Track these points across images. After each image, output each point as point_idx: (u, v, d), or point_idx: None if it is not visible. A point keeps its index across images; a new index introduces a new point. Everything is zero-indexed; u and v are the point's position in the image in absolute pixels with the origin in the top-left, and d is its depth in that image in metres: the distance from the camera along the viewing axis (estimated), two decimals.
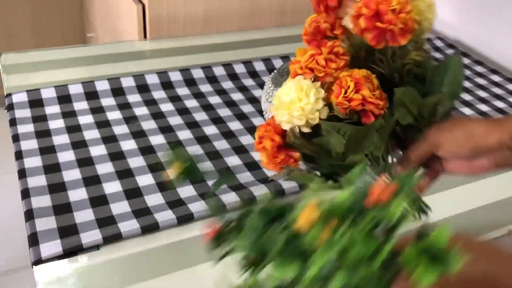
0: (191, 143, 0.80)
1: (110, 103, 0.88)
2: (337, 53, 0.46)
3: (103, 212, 0.65)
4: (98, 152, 0.76)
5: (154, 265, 0.60)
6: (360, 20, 0.44)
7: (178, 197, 0.69)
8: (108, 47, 1.09)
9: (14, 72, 0.95)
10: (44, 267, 0.58)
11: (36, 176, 0.70)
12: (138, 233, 0.63)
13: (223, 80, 0.99)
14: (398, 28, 0.43)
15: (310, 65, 0.46)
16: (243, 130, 0.85)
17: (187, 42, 1.14)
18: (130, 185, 0.70)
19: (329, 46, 0.46)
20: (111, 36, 1.56)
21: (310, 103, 0.44)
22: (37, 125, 0.80)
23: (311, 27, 0.48)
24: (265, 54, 1.11)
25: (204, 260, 0.61)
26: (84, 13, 2.08)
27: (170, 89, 0.94)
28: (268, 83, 0.80)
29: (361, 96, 0.44)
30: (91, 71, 0.97)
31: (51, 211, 0.65)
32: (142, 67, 1.01)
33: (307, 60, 0.46)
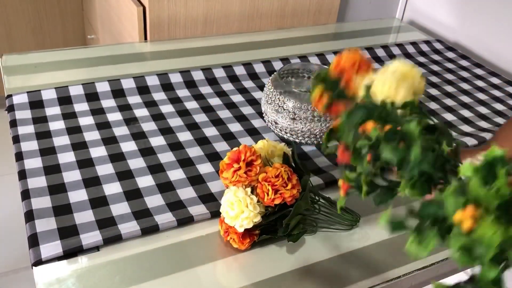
0: (191, 145, 0.80)
1: (110, 104, 0.88)
2: (252, 162, 0.60)
3: (103, 213, 0.66)
4: (98, 153, 0.76)
5: (154, 266, 0.60)
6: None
7: (178, 198, 0.69)
8: (108, 48, 1.09)
9: (14, 73, 0.95)
10: (44, 268, 0.58)
11: (37, 177, 0.70)
12: (138, 234, 0.63)
13: (223, 82, 1.00)
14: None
15: (236, 179, 0.59)
16: (243, 132, 0.85)
17: (188, 44, 1.14)
18: (130, 187, 0.70)
19: (244, 159, 0.59)
20: (111, 38, 1.56)
21: (251, 212, 0.58)
22: (37, 126, 0.80)
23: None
24: (265, 56, 1.11)
25: (204, 262, 0.61)
26: (85, 15, 2.08)
27: (171, 91, 0.94)
28: (268, 85, 0.80)
29: (280, 195, 0.59)
30: (92, 73, 0.98)
31: (51, 212, 0.65)
32: (143, 68, 1.01)
33: (232, 176, 0.59)
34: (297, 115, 0.76)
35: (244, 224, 0.59)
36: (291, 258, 0.63)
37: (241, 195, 0.59)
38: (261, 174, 0.59)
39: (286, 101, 0.76)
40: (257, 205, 0.60)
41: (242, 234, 0.61)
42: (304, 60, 1.10)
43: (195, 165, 0.76)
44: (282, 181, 0.59)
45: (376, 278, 0.62)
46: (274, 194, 0.58)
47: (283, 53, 1.14)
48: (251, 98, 0.95)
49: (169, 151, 0.78)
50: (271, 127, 0.81)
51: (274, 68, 1.05)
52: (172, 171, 0.74)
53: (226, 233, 0.62)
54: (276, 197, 0.59)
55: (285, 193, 0.59)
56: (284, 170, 0.60)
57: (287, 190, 0.59)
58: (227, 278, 0.60)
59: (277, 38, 1.22)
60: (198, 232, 0.65)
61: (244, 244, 0.61)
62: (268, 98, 0.79)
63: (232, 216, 0.59)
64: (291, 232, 0.62)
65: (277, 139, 0.84)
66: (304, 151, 0.82)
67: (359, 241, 0.66)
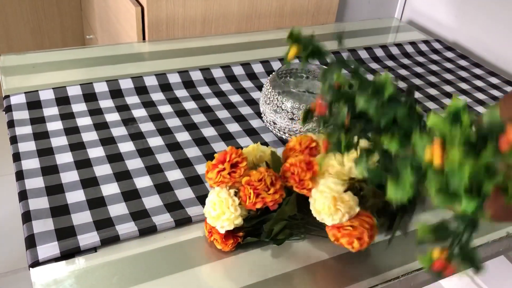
0: (190, 145, 0.80)
1: (108, 105, 0.88)
2: (237, 164, 0.59)
3: (101, 214, 0.65)
4: (96, 154, 0.76)
5: (151, 267, 0.60)
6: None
7: (176, 199, 0.69)
8: (106, 49, 1.09)
9: (12, 73, 0.95)
10: (41, 269, 0.58)
11: (34, 178, 0.70)
12: (136, 235, 0.63)
13: (221, 82, 0.99)
14: None
15: (219, 180, 0.59)
16: (241, 132, 0.85)
17: (186, 44, 1.14)
18: (128, 187, 0.70)
19: (229, 160, 0.59)
20: (110, 38, 1.56)
21: (232, 213, 0.59)
22: (35, 127, 0.80)
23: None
24: (263, 56, 1.11)
25: (202, 263, 0.61)
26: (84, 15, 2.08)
27: (169, 91, 0.94)
28: (266, 85, 0.80)
29: (261, 199, 0.58)
30: (90, 73, 0.97)
31: (49, 213, 0.64)
32: (141, 69, 1.01)
33: (216, 176, 0.59)
34: (296, 115, 0.75)
35: (224, 226, 0.59)
36: (292, 259, 0.63)
37: (224, 196, 0.59)
38: (245, 177, 0.59)
39: (284, 101, 0.76)
40: (239, 207, 0.59)
41: (225, 235, 0.61)
42: None
43: (193, 166, 0.76)
44: (264, 185, 0.58)
45: (375, 278, 0.61)
46: (255, 198, 0.58)
47: (282, 53, 1.14)
48: (249, 98, 0.95)
49: (167, 152, 0.78)
50: (269, 127, 0.80)
51: (273, 68, 1.05)
52: (170, 172, 0.74)
53: (210, 234, 0.62)
54: (257, 201, 0.58)
55: (266, 198, 0.58)
56: (268, 175, 0.59)
57: (268, 195, 0.58)
58: (226, 278, 0.60)
59: (275, 38, 1.22)
60: (196, 233, 0.65)
61: (228, 245, 0.61)
62: (267, 98, 0.78)
63: (214, 216, 0.59)
64: (276, 237, 0.62)
65: (275, 139, 0.84)
66: None
67: None
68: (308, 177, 0.59)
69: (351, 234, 0.56)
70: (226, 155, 0.59)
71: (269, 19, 1.37)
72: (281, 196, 0.60)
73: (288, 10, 1.39)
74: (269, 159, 0.65)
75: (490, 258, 0.73)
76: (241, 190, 0.59)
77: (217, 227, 0.60)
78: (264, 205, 0.59)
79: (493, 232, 0.70)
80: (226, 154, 0.59)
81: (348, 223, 0.57)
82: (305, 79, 0.87)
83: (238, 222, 0.59)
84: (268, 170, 0.60)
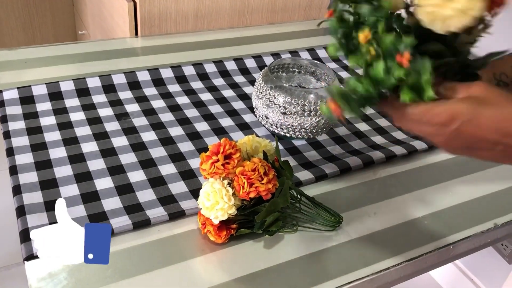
0: (183, 140, 0.81)
1: (101, 100, 0.88)
2: (230, 155, 0.60)
3: (95, 208, 0.66)
4: (89, 148, 0.76)
5: (145, 260, 0.60)
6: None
7: (169, 193, 0.70)
8: (99, 44, 1.09)
9: (5, 69, 0.95)
10: (36, 262, 0.58)
11: (28, 172, 0.70)
12: (130, 228, 0.64)
13: (214, 77, 1.00)
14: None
15: (213, 171, 0.60)
16: (234, 127, 0.86)
17: (179, 39, 1.14)
18: (121, 181, 0.71)
19: (222, 151, 0.60)
20: (102, 33, 1.56)
21: (226, 203, 0.60)
22: (28, 122, 0.80)
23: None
24: (256, 51, 1.11)
25: (196, 255, 0.62)
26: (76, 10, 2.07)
27: (162, 86, 0.95)
28: (259, 80, 0.80)
29: (255, 189, 0.59)
30: (83, 68, 0.98)
31: (43, 207, 0.65)
32: (134, 64, 1.01)
33: (210, 167, 0.60)
34: (288, 110, 0.76)
35: (219, 216, 0.60)
36: (277, 252, 0.64)
37: (218, 186, 0.60)
38: (239, 168, 0.60)
39: (276, 95, 0.77)
40: (233, 197, 0.60)
41: (218, 226, 0.62)
42: (295, 55, 1.10)
43: (187, 160, 0.76)
44: (258, 175, 0.59)
45: (364, 270, 0.63)
46: (249, 187, 0.59)
47: (274, 48, 1.15)
48: (242, 93, 0.96)
49: (160, 146, 0.79)
50: (262, 122, 0.81)
51: (265, 63, 1.06)
52: (163, 166, 0.75)
53: (203, 226, 0.63)
54: (251, 191, 0.59)
55: (260, 187, 0.59)
56: (261, 165, 0.60)
57: (262, 184, 0.59)
58: (219, 270, 0.61)
59: (268, 33, 1.23)
60: (190, 226, 0.66)
61: (221, 237, 0.62)
62: (259, 93, 0.79)
63: (208, 207, 0.60)
64: (268, 229, 0.63)
65: (268, 133, 0.85)
66: (294, 145, 0.83)
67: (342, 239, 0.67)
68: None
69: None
70: (220, 146, 0.60)
71: (261, 14, 1.38)
72: (274, 186, 0.61)
73: (280, 5, 1.39)
74: (266, 149, 0.66)
75: (479, 249, 0.75)
76: (235, 180, 0.60)
77: (211, 217, 0.61)
78: (258, 194, 0.60)
79: (481, 223, 0.72)
80: (220, 146, 0.60)
81: None
82: (297, 73, 0.88)
83: (232, 212, 0.60)
84: (261, 161, 0.61)
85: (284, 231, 0.66)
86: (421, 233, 0.69)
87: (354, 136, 0.87)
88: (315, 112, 0.76)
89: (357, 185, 0.76)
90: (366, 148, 0.84)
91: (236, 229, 0.63)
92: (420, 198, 0.75)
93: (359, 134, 0.87)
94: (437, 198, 0.75)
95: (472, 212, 0.74)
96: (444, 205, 0.74)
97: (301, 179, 0.74)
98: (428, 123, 0.45)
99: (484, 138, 0.44)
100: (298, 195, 0.66)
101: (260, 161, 0.61)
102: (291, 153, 0.81)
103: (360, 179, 0.78)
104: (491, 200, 0.76)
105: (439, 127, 0.44)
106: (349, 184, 0.76)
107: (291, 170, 0.67)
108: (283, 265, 0.62)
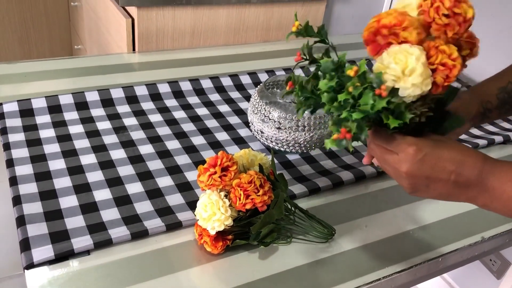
0: (180, 153, 0.83)
1: (100, 113, 0.90)
2: (227, 168, 0.62)
3: (94, 218, 0.67)
4: (88, 160, 0.78)
5: (143, 269, 0.62)
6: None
7: (166, 205, 0.71)
8: (97, 59, 1.11)
9: (5, 82, 0.96)
10: (36, 271, 0.59)
11: (27, 183, 0.71)
12: (128, 239, 0.65)
13: (210, 92, 1.02)
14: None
15: (211, 183, 0.62)
16: (229, 141, 0.88)
17: (176, 55, 1.17)
18: (119, 193, 0.72)
19: (220, 164, 0.62)
20: (99, 48, 1.58)
21: (223, 214, 0.61)
22: (28, 134, 0.82)
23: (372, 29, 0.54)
24: (251, 68, 1.14)
25: (192, 265, 0.63)
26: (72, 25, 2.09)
27: (159, 101, 0.97)
28: (254, 96, 0.83)
29: (251, 200, 0.61)
30: (81, 83, 0.99)
31: (43, 217, 0.66)
32: (131, 79, 1.03)
33: (207, 179, 0.62)
34: (282, 125, 0.79)
35: (215, 226, 0.62)
36: (271, 263, 0.65)
37: (215, 198, 0.62)
38: (235, 180, 0.62)
39: (271, 111, 0.79)
40: (229, 208, 0.62)
41: (215, 237, 0.63)
42: (289, 72, 1.13)
43: (183, 173, 0.78)
44: (254, 187, 0.62)
45: (356, 281, 0.64)
46: (245, 199, 0.61)
47: (268, 65, 1.18)
48: (237, 108, 0.98)
49: (157, 159, 0.81)
50: (257, 136, 0.84)
51: (260, 80, 1.08)
52: (160, 178, 0.76)
53: (200, 236, 0.64)
54: (247, 202, 0.61)
55: (256, 199, 0.61)
56: (257, 177, 0.62)
57: (258, 196, 0.62)
58: (215, 280, 0.62)
59: (262, 51, 1.26)
60: (186, 237, 0.67)
61: (217, 248, 0.64)
62: (254, 108, 0.81)
63: (205, 218, 0.62)
64: (263, 240, 0.65)
65: (263, 147, 0.87)
66: (288, 160, 0.85)
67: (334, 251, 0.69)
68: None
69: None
70: (217, 159, 0.62)
71: (256, 32, 1.41)
72: (269, 198, 0.63)
73: (274, 23, 1.43)
74: (261, 162, 0.68)
75: (467, 263, 0.77)
76: (232, 192, 0.62)
77: (208, 228, 0.62)
78: (253, 206, 0.62)
79: (469, 237, 0.74)
80: (217, 159, 0.62)
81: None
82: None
83: (228, 223, 0.62)
84: (257, 173, 0.63)
85: (278, 243, 0.68)
86: (411, 245, 0.71)
87: (347, 151, 0.89)
88: (308, 127, 0.78)
89: (349, 199, 0.79)
90: (358, 163, 0.86)
91: (232, 240, 0.65)
92: (409, 212, 0.77)
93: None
94: (426, 212, 0.78)
95: (460, 226, 0.76)
96: (433, 219, 0.77)
97: (295, 192, 0.76)
98: (399, 151, 0.53)
99: (443, 168, 0.52)
100: (292, 207, 0.68)
101: (256, 173, 0.63)
102: (285, 167, 0.83)
103: (352, 193, 0.80)
104: (478, 215, 0.78)
105: (406, 155, 0.52)
106: (342, 198, 0.79)
107: (286, 183, 0.69)
108: (278, 276, 0.63)
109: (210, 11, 1.29)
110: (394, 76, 0.50)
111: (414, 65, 0.49)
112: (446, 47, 0.50)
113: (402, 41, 0.51)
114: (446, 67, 0.50)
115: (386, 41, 0.51)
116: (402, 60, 0.49)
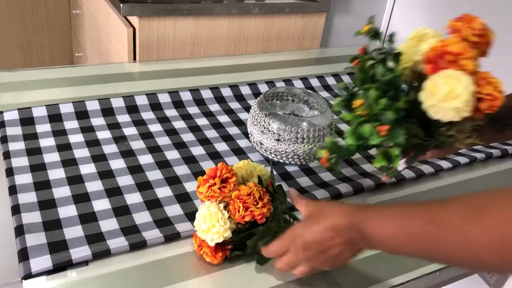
0: (179, 163, 0.83)
1: (100, 122, 0.90)
2: (227, 179, 0.63)
3: (92, 229, 0.67)
4: (87, 170, 0.78)
5: (142, 280, 0.62)
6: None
7: (165, 215, 0.72)
8: (98, 68, 1.12)
9: (5, 90, 0.97)
10: (34, 281, 0.59)
11: (27, 192, 0.72)
12: (126, 249, 0.65)
13: (210, 102, 1.03)
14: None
15: (210, 194, 0.62)
16: (229, 152, 0.88)
17: (176, 65, 1.17)
18: (118, 203, 0.72)
19: (219, 175, 0.62)
20: (100, 57, 1.59)
21: (222, 226, 0.62)
22: (28, 142, 0.82)
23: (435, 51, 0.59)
24: (251, 79, 1.15)
25: (191, 277, 0.63)
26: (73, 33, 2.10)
27: (159, 110, 0.97)
28: (254, 107, 0.83)
29: (250, 213, 0.62)
30: (82, 91, 1.00)
31: (41, 227, 0.66)
32: (132, 88, 1.04)
33: (206, 191, 0.62)
34: (281, 137, 0.79)
35: (214, 238, 0.62)
36: (270, 275, 0.65)
37: (214, 209, 0.62)
38: (235, 192, 0.63)
39: (271, 122, 0.80)
40: (228, 220, 0.63)
41: (214, 248, 0.64)
42: (288, 83, 1.14)
43: (182, 183, 0.78)
44: (253, 199, 0.62)
45: None
46: (244, 211, 0.61)
47: (268, 76, 1.18)
48: (237, 119, 0.98)
49: (157, 169, 0.81)
50: (256, 148, 0.84)
51: (260, 90, 1.09)
52: (159, 189, 0.77)
53: (200, 247, 0.65)
54: (246, 214, 0.62)
55: (255, 211, 0.62)
56: (257, 189, 0.63)
57: (257, 208, 0.62)
58: None
59: (262, 62, 1.27)
60: (185, 248, 0.67)
61: (217, 258, 0.64)
62: (254, 119, 0.82)
63: (204, 230, 0.62)
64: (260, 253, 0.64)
65: (262, 159, 0.87)
66: (287, 171, 0.85)
67: None
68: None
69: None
70: (217, 170, 0.63)
71: (256, 42, 1.42)
72: (268, 210, 0.63)
73: (274, 34, 1.44)
74: (260, 174, 0.68)
75: (463, 277, 0.77)
76: (231, 203, 0.63)
77: (207, 239, 0.63)
78: (252, 218, 0.62)
79: None
80: (217, 170, 0.63)
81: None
82: (290, 102, 0.91)
83: (227, 235, 0.62)
84: (256, 185, 0.63)
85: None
86: (408, 259, 0.71)
87: (345, 164, 0.90)
88: (307, 139, 0.79)
89: None
90: (356, 175, 0.86)
91: (230, 251, 0.65)
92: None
93: (350, 161, 0.90)
94: None
95: None
96: None
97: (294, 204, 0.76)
98: (284, 244, 0.59)
99: (323, 238, 0.55)
100: (291, 219, 0.68)
101: (255, 185, 0.63)
102: (284, 179, 0.83)
103: None
104: None
105: (290, 245, 0.58)
106: None
107: (284, 195, 0.69)
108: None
109: (211, 21, 1.30)
110: (440, 95, 0.55)
111: (460, 92, 0.54)
112: (494, 80, 0.56)
113: (461, 68, 0.56)
114: (492, 97, 0.56)
115: (448, 66, 0.56)
116: (452, 84, 0.55)
